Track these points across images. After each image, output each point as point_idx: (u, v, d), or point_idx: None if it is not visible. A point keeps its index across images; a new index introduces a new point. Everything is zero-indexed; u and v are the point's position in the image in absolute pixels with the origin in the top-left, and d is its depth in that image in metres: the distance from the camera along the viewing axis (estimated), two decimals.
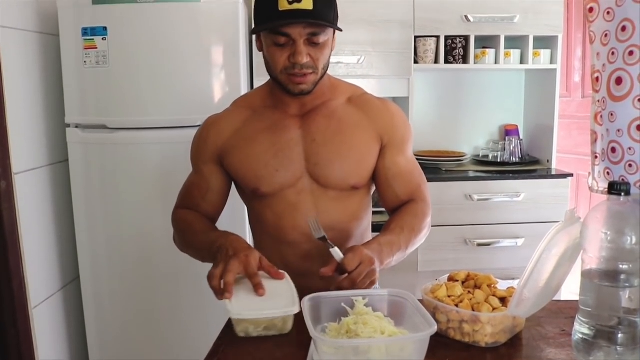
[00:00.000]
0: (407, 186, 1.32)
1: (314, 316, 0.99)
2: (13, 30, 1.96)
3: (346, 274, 1.09)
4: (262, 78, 2.40)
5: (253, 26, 1.22)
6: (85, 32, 2.07)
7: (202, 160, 1.33)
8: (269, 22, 1.14)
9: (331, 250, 1.12)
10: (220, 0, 2.09)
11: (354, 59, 2.51)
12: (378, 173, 1.32)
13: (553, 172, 2.64)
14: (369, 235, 1.39)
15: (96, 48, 2.07)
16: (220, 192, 1.34)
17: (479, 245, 2.54)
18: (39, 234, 2.12)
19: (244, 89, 2.20)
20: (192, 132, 1.37)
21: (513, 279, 1.33)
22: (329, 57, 1.23)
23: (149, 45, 2.08)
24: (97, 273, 2.22)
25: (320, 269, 1.12)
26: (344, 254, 1.11)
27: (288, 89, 1.21)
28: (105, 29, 2.06)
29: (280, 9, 1.11)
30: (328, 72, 1.27)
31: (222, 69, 2.14)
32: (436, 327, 0.90)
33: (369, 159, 1.30)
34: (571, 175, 2.60)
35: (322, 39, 1.16)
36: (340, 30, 1.18)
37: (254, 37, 1.28)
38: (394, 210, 1.34)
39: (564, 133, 2.94)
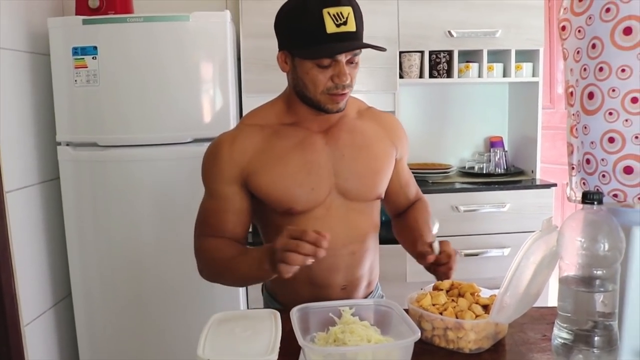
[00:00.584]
0: (412, 190, 1.48)
1: (303, 326, 1.03)
2: (4, 50, 1.99)
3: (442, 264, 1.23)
4: (250, 94, 2.43)
5: (271, 45, 1.22)
6: (76, 51, 2.10)
7: (224, 182, 1.25)
8: (318, 46, 1.12)
9: (434, 244, 1.22)
10: (208, 18, 2.13)
11: None
12: (392, 182, 1.39)
13: (537, 182, 2.69)
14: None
15: (86, 67, 2.10)
16: (247, 212, 1.28)
17: (466, 255, 2.57)
18: (31, 251, 2.13)
19: (233, 106, 2.23)
20: (183, 149, 1.35)
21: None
22: None
23: (139, 64, 2.11)
24: (89, 290, 2.23)
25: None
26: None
27: (326, 108, 1.20)
28: (95, 48, 2.10)
29: (328, 32, 1.10)
30: None
31: (211, 86, 2.17)
32: (420, 334, 0.94)
33: (389, 168, 1.36)
34: (555, 185, 2.65)
35: (358, 58, 1.19)
36: (385, 50, 1.17)
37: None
38: (400, 212, 1.47)
39: (548, 144, 3.00)
